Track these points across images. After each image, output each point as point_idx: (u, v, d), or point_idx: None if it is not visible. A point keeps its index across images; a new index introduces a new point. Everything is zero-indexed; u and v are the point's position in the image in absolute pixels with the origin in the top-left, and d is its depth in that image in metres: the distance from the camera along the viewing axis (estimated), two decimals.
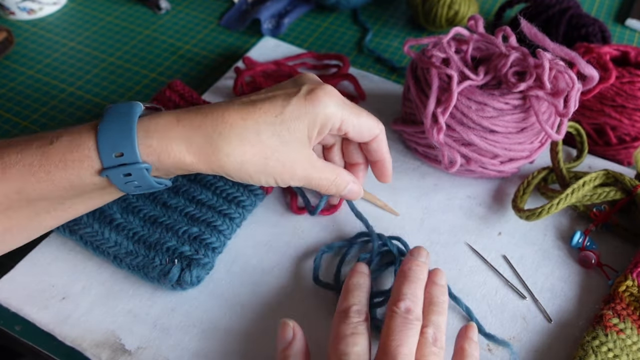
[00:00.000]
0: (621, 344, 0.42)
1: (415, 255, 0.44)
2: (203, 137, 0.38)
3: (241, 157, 0.38)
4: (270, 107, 0.39)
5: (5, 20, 0.78)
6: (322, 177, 0.42)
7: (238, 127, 0.38)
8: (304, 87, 0.40)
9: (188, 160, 0.38)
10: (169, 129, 0.38)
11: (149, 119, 0.38)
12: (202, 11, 0.82)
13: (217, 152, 0.38)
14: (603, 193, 0.50)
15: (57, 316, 0.44)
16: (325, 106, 0.40)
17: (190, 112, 0.39)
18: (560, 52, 0.48)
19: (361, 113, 0.42)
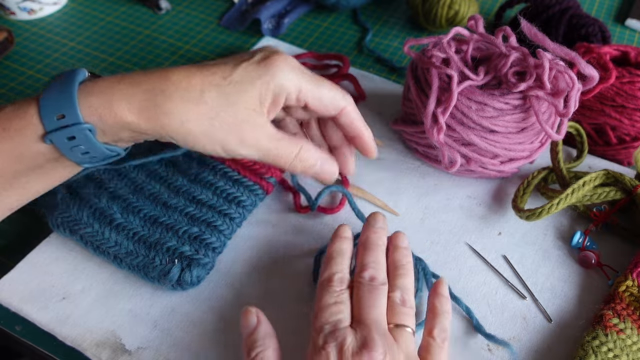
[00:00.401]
0: (621, 344, 0.42)
1: (371, 223, 0.44)
2: (144, 94, 0.37)
3: (183, 115, 0.37)
4: (219, 69, 0.38)
5: (6, 20, 0.78)
6: (280, 149, 0.40)
7: (182, 84, 0.37)
8: (258, 54, 0.39)
9: (130, 119, 0.37)
10: (111, 87, 0.37)
11: (92, 81, 0.38)
12: (202, 11, 0.82)
13: (157, 109, 0.37)
14: (603, 193, 0.50)
15: (57, 316, 0.44)
16: (280, 71, 0.38)
17: (136, 72, 0.38)
18: (560, 52, 0.48)
19: (322, 83, 0.40)
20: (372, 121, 0.62)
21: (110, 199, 0.49)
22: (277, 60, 0.38)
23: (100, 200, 0.48)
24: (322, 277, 0.41)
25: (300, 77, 0.39)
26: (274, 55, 0.38)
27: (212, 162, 0.51)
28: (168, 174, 0.51)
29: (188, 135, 0.38)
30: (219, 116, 0.37)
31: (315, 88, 0.40)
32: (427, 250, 0.50)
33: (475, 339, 0.44)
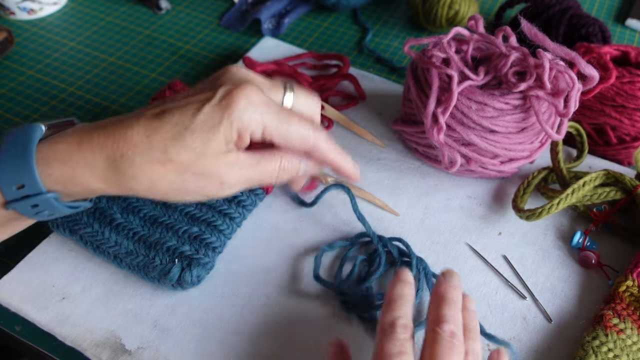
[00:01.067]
0: (621, 344, 0.42)
1: (448, 278, 0.41)
2: (105, 161, 0.36)
3: (150, 176, 0.36)
4: (179, 118, 0.36)
5: (6, 20, 0.78)
6: (263, 171, 0.38)
7: (143, 146, 0.35)
8: (220, 89, 0.36)
9: (96, 187, 0.36)
10: (70, 155, 0.36)
11: (49, 144, 0.36)
12: (202, 11, 0.82)
13: (123, 175, 0.36)
14: (603, 193, 0.50)
15: (57, 316, 0.44)
16: (242, 110, 0.35)
17: (95, 130, 0.36)
18: (561, 52, 0.48)
19: (290, 119, 0.37)
20: (372, 121, 0.62)
21: (110, 199, 0.49)
22: (239, 98, 0.36)
23: (100, 200, 0.48)
24: (384, 321, 0.38)
25: (264, 115, 0.36)
26: (235, 91, 0.36)
27: None
28: None
29: (161, 193, 0.37)
30: (188, 169, 0.36)
31: (281, 126, 0.37)
32: (427, 250, 0.50)
33: None
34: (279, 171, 0.39)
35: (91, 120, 0.64)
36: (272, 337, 0.44)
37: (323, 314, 0.45)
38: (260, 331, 0.44)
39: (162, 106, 0.37)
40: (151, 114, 0.36)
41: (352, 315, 0.45)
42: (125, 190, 0.37)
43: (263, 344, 0.43)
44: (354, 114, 0.63)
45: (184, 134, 0.35)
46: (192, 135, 0.35)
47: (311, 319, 0.45)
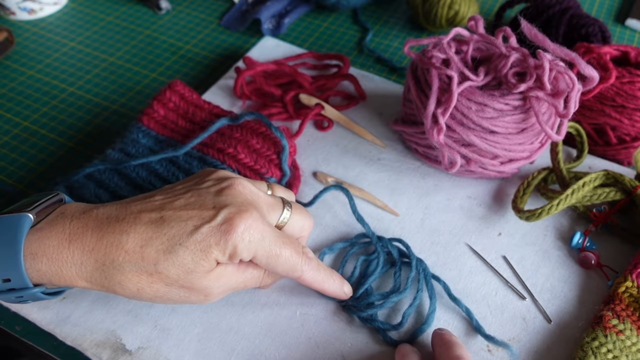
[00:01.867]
0: (621, 345, 0.42)
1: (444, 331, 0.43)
2: (94, 264, 0.36)
3: (137, 285, 0.37)
4: (176, 232, 0.36)
5: (6, 20, 0.78)
6: (248, 278, 0.40)
7: (135, 255, 0.36)
8: (222, 211, 0.37)
9: (81, 285, 0.37)
10: (59, 253, 0.36)
11: (38, 237, 0.36)
12: (203, 11, 0.82)
13: (110, 280, 0.36)
14: (603, 194, 0.50)
15: (57, 316, 0.44)
16: (239, 240, 0.36)
17: (87, 229, 0.36)
18: (561, 52, 0.48)
19: (281, 255, 0.38)
20: (372, 121, 0.62)
21: (111, 199, 0.49)
22: (237, 228, 0.36)
23: (101, 199, 0.48)
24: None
25: (258, 248, 0.37)
26: (236, 219, 0.36)
27: (213, 161, 0.51)
28: (168, 173, 0.51)
29: (145, 299, 0.38)
30: (176, 283, 0.37)
31: (271, 259, 0.38)
32: (427, 251, 0.50)
33: (475, 340, 0.44)
34: (264, 277, 0.41)
35: (91, 121, 0.64)
36: (272, 337, 0.44)
37: (323, 314, 0.45)
38: (260, 331, 0.44)
39: (162, 212, 0.37)
40: (149, 220, 0.37)
41: (352, 315, 0.45)
42: (110, 291, 0.38)
43: (263, 344, 0.43)
44: (354, 114, 0.63)
45: (177, 250, 0.36)
46: (184, 253, 0.36)
47: (311, 319, 0.45)
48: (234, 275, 0.39)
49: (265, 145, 0.53)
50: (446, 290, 0.46)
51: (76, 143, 0.61)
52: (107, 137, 0.61)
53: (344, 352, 0.43)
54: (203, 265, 0.37)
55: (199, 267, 0.37)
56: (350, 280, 0.47)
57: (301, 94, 0.61)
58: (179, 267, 0.36)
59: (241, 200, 0.38)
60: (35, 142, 0.61)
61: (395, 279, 0.47)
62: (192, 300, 0.39)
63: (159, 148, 0.54)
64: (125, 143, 0.54)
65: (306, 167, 0.57)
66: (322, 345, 0.43)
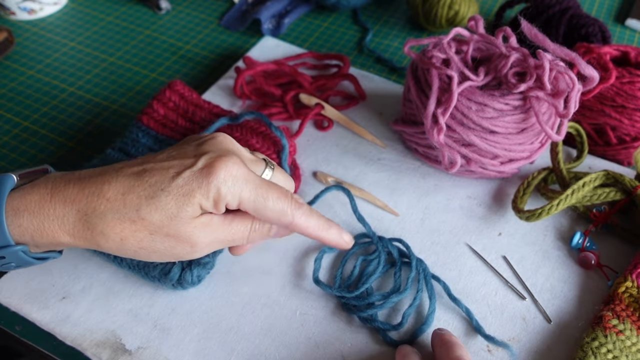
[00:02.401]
0: (620, 345, 0.42)
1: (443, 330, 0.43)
2: (76, 215, 0.35)
3: (120, 234, 0.35)
4: (157, 179, 0.36)
5: (6, 20, 0.78)
6: (235, 232, 0.38)
7: (116, 202, 0.35)
8: (203, 157, 0.36)
9: (64, 240, 0.36)
10: (41, 206, 0.35)
11: (20, 194, 0.36)
12: (203, 11, 0.82)
13: (92, 230, 0.36)
14: (603, 194, 0.50)
15: (57, 316, 0.44)
16: (222, 182, 0.35)
17: (70, 182, 0.36)
18: (561, 52, 0.48)
19: (268, 195, 0.37)
20: (372, 121, 0.62)
21: None
22: (219, 169, 0.35)
23: None
24: None
25: (242, 189, 0.36)
26: (217, 161, 0.36)
27: None
28: None
29: (130, 252, 0.37)
30: (160, 230, 0.36)
31: (258, 201, 0.37)
32: (427, 251, 0.50)
33: (475, 340, 0.44)
34: (250, 232, 0.39)
35: (91, 121, 0.64)
36: (272, 337, 0.44)
37: (323, 314, 0.45)
38: (260, 331, 0.44)
39: (144, 165, 0.37)
40: (131, 172, 0.36)
41: (352, 315, 0.45)
42: (93, 245, 0.37)
43: (263, 343, 0.43)
44: (354, 114, 0.63)
45: (160, 195, 0.35)
46: (167, 197, 0.35)
47: (311, 319, 0.45)
48: (219, 226, 0.37)
49: (265, 145, 0.53)
50: (446, 290, 0.46)
51: (76, 143, 0.61)
52: (107, 137, 0.61)
53: (343, 352, 0.43)
54: (186, 210, 0.36)
55: (183, 212, 0.36)
56: (350, 279, 0.47)
57: (301, 94, 0.61)
58: (162, 212, 0.35)
59: (222, 148, 0.38)
60: (35, 142, 0.61)
61: (395, 279, 0.47)
62: (178, 251, 0.37)
63: (159, 147, 0.54)
64: (125, 143, 0.54)
65: (306, 167, 0.57)
66: (322, 345, 0.43)
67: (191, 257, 0.38)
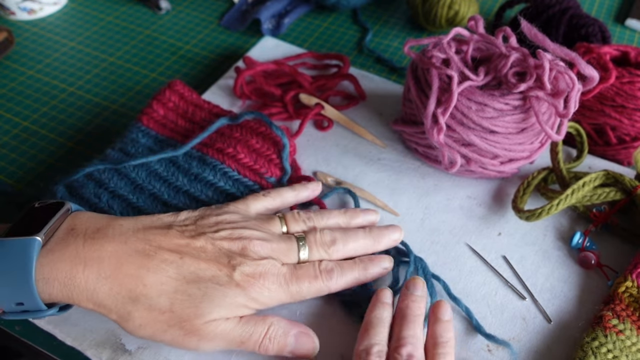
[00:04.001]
0: (621, 345, 0.42)
1: (411, 289, 0.42)
2: (109, 292, 0.36)
3: (142, 320, 0.37)
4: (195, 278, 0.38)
5: (6, 20, 0.78)
6: (245, 335, 0.38)
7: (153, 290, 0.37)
8: (238, 271, 0.38)
9: (86, 306, 0.37)
10: (71, 277, 0.36)
11: (50, 260, 0.36)
12: (203, 11, 0.82)
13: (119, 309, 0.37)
14: (603, 193, 0.50)
15: (57, 316, 0.44)
16: (259, 296, 0.39)
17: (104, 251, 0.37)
18: (561, 52, 0.48)
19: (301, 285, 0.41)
20: (372, 121, 0.62)
21: (111, 199, 0.49)
22: (257, 288, 0.39)
23: (101, 199, 0.48)
24: (360, 347, 0.39)
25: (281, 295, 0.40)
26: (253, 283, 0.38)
27: (213, 161, 0.51)
28: (168, 173, 0.51)
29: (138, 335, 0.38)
30: (179, 324, 0.37)
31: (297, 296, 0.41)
32: (427, 251, 0.50)
33: (475, 340, 0.44)
34: (265, 338, 0.39)
35: (91, 121, 0.64)
36: None
37: (323, 314, 0.45)
38: None
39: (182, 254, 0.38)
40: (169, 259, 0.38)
41: (352, 315, 0.45)
42: (113, 319, 0.38)
43: None
44: (354, 114, 0.63)
45: (196, 294, 0.37)
46: (202, 297, 0.37)
47: (311, 319, 0.45)
48: (232, 326, 0.38)
49: (265, 145, 0.53)
50: (446, 290, 0.46)
51: (76, 143, 0.61)
52: (107, 137, 0.61)
53: (343, 352, 0.43)
54: (217, 312, 0.37)
55: (211, 314, 0.37)
56: None
57: (301, 94, 0.61)
58: (192, 309, 0.37)
59: (256, 258, 0.40)
60: (35, 142, 0.61)
61: (393, 275, 0.47)
62: (185, 342, 0.38)
63: (159, 148, 0.54)
64: (125, 143, 0.54)
65: (306, 167, 0.57)
66: (322, 345, 0.43)
67: (195, 349, 0.39)
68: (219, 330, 0.38)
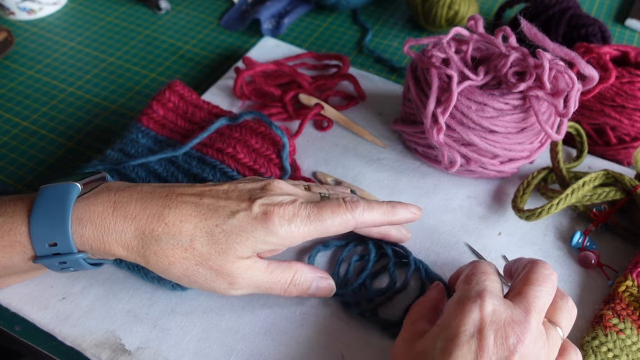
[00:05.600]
0: (621, 344, 0.42)
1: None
2: (135, 232, 0.38)
3: (170, 258, 0.38)
4: (213, 215, 0.38)
5: (5, 20, 0.78)
6: (274, 280, 0.40)
7: (174, 229, 0.38)
8: (258, 201, 0.39)
9: (118, 252, 0.38)
10: (103, 219, 0.38)
11: (84, 204, 0.38)
12: (202, 11, 0.82)
13: (146, 250, 0.38)
14: (603, 193, 0.50)
15: (57, 316, 0.44)
16: (278, 230, 0.38)
17: (132, 198, 0.39)
18: (560, 52, 0.48)
19: (323, 217, 0.39)
20: (372, 121, 0.62)
21: None
22: (274, 218, 0.38)
23: None
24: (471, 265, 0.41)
25: (299, 226, 0.39)
26: (273, 212, 0.38)
27: (212, 161, 0.51)
28: (168, 173, 0.51)
29: (172, 276, 0.39)
30: (206, 263, 0.38)
31: (317, 227, 0.39)
32: (427, 250, 0.50)
33: None
34: (290, 285, 0.41)
35: (90, 121, 0.64)
36: (272, 337, 0.44)
37: (323, 313, 0.45)
38: (260, 331, 0.44)
39: (203, 197, 0.39)
40: (190, 200, 0.39)
41: (352, 315, 0.45)
42: (143, 261, 0.39)
43: (262, 344, 0.43)
44: (354, 114, 0.63)
45: (214, 230, 0.38)
46: (220, 233, 0.38)
47: (311, 319, 0.45)
48: (261, 271, 0.40)
49: (264, 145, 0.53)
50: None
51: (76, 143, 0.61)
52: (107, 137, 0.61)
53: (344, 352, 0.43)
54: (236, 249, 0.38)
55: (232, 250, 0.38)
56: (346, 278, 0.47)
57: (301, 94, 0.61)
58: (213, 246, 0.38)
59: (277, 193, 0.40)
60: (35, 142, 0.61)
61: (390, 274, 0.47)
62: (216, 286, 0.39)
63: (158, 148, 0.54)
64: (125, 143, 0.54)
65: (306, 167, 0.57)
66: (322, 345, 0.43)
67: (228, 294, 0.40)
68: (247, 275, 0.39)
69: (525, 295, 0.36)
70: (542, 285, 0.37)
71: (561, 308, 0.38)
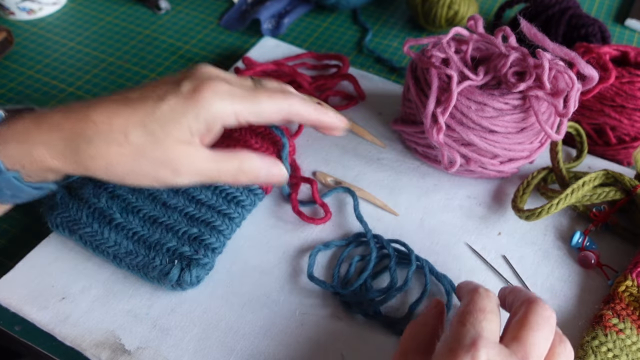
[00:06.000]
0: (621, 344, 0.42)
1: None
2: (63, 140, 0.36)
3: (107, 158, 0.36)
4: (142, 105, 0.37)
5: (5, 20, 0.78)
6: (220, 168, 0.39)
7: (103, 126, 0.36)
8: (185, 83, 0.37)
9: (52, 165, 0.37)
10: (27, 134, 0.36)
11: (7, 125, 0.37)
12: (202, 11, 0.82)
13: (80, 154, 0.36)
14: (603, 193, 0.50)
15: (57, 316, 0.44)
16: (209, 103, 0.37)
17: (54, 112, 0.37)
18: (560, 52, 0.48)
19: (259, 99, 0.38)
20: (372, 121, 0.62)
21: (110, 199, 0.49)
22: (205, 92, 0.37)
23: (100, 200, 0.48)
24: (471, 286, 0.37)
25: (233, 103, 0.37)
26: (201, 87, 0.37)
27: None
28: None
29: (115, 176, 0.37)
30: (146, 155, 0.37)
31: (253, 107, 0.38)
32: (427, 250, 0.50)
33: None
34: (238, 172, 0.40)
35: None
36: (272, 336, 0.44)
37: (323, 313, 0.45)
38: (260, 331, 0.44)
39: (128, 93, 0.38)
40: (116, 99, 0.37)
41: (352, 315, 0.45)
42: (82, 169, 0.37)
43: (262, 343, 0.43)
44: (354, 114, 0.63)
45: (146, 120, 0.36)
46: (153, 122, 0.36)
47: (311, 319, 0.45)
48: (206, 160, 0.38)
49: (264, 145, 0.53)
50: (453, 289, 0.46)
51: None
52: None
53: (344, 352, 0.43)
54: (173, 135, 0.37)
55: (169, 136, 0.37)
56: (346, 278, 0.47)
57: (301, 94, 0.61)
58: (149, 136, 0.36)
59: (204, 74, 0.39)
60: None
61: (391, 274, 0.47)
62: (160, 175, 0.38)
63: None
64: None
65: (306, 167, 0.57)
66: (322, 345, 0.43)
67: (174, 183, 0.38)
68: (189, 161, 0.38)
69: (522, 342, 0.34)
70: (541, 331, 0.34)
71: (559, 354, 0.35)
